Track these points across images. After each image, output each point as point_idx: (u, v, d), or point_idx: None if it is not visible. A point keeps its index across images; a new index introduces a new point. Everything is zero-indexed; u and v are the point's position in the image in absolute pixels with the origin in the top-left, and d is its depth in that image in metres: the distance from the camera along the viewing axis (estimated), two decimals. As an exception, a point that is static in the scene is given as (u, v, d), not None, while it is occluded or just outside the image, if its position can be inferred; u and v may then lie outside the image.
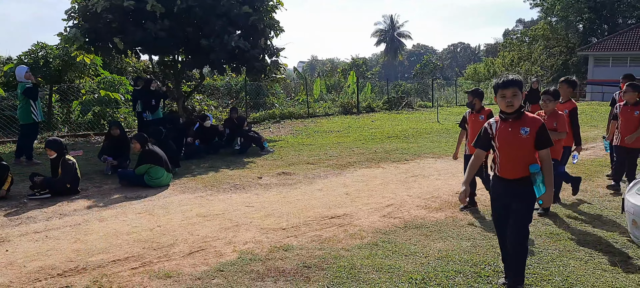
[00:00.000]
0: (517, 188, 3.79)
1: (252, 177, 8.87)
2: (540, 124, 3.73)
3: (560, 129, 5.98)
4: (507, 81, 3.74)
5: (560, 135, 5.95)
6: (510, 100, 3.72)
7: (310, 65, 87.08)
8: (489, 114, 6.26)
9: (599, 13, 46.46)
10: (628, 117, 7.17)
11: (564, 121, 6.04)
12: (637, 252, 4.71)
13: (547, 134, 3.74)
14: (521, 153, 3.74)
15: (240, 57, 13.67)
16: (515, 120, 3.76)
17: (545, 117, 5.91)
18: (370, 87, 29.76)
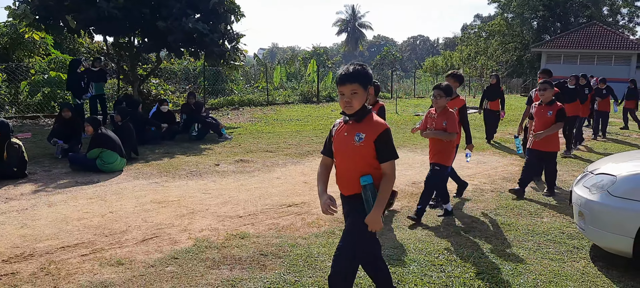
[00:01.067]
0: (352, 208, 3.10)
1: (209, 163, 8.74)
2: (381, 130, 2.97)
3: (450, 129, 5.39)
4: (344, 75, 2.94)
5: (450, 136, 5.41)
6: (349, 100, 2.92)
7: (271, 53, 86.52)
8: (380, 108, 5.91)
9: (553, 11, 48.04)
10: (541, 118, 6.65)
11: (454, 120, 5.44)
12: (582, 242, 4.91)
13: (390, 143, 3.01)
14: (354, 165, 3.00)
15: (199, 42, 13.38)
16: (354, 123, 3.02)
17: (435, 115, 5.52)
18: (331, 76, 29.80)
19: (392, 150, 3.02)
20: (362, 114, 2.99)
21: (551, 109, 6.57)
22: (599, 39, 39.39)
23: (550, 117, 6.53)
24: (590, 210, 4.35)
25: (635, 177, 4.18)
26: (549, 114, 6.55)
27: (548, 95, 6.59)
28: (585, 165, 6.57)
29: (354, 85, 2.91)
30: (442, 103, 5.43)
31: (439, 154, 5.50)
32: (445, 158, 5.52)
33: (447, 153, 5.54)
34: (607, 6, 50.67)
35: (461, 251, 4.66)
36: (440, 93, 5.41)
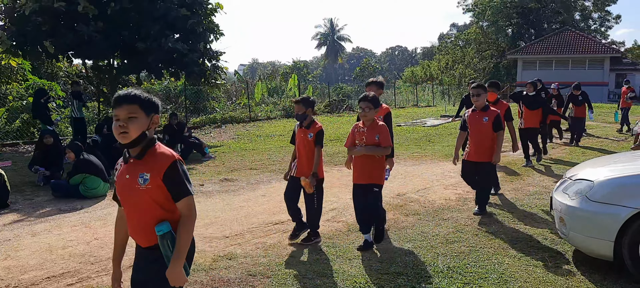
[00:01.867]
0: (149, 262, 2.60)
1: (194, 184, 8.69)
2: (169, 162, 2.45)
3: (384, 143, 4.89)
4: (120, 97, 2.43)
5: (384, 150, 4.91)
6: (124, 125, 2.38)
7: (251, 69, 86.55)
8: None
9: (526, 18, 48.98)
10: (476, 125, 6.16)
11: (387, 133, 4.93)
12: (565, 248, 5.02)
13: (180, 176, 2.47)
14: (141, 213, 2.52)
15: (178, 61, 13.40)
16: (137, 160, 2.49)
17: (364, 130, 4.96)
18: (311, 90, 29.93)
19: (183, 186, 2.51)
20: (145, 146, 2.48)
21: (487, 115, 6.12)
22: (573, 44, 40.26)
23: (486, 124, 6.09)
24: (570, 215, 4.45)
25: (612, 181, 4.31)
26: (484, 121, 6.10)
27: (482, 101, 6.16)
28: (565, 171, 6.72)
29: (132, 106, 2.41)
30: (371, 115, 4.90)
31: (373, 173, 4.99)
32: (381, 175, 5.06)
33: (381, 170, 5.05)
34: (578, 12, 51.83)
35: (447, 261, 4.73)
36: (368, 105, 4.88)
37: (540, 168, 9.61)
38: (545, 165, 9.92)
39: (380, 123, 4.99)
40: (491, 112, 6.15)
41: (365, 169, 4.99)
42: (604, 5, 51.10)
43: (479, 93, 6.15)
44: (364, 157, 4.96)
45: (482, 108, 6.15)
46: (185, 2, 13.43)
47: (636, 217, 4.02)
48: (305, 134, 5.26)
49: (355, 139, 5.04)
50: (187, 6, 13.31)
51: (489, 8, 48.97)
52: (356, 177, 5.09)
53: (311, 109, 5.28)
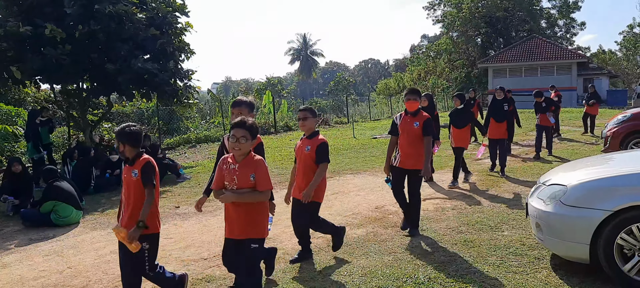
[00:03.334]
0: None
1: (169, 206, 8.56)
2: None
3: (262, 186, 3.68)
4: None
5: (262, 196, 3.71)
6: None
7: (225, 86, 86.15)
8: None
9: (495, 27, 50.03)
10: (407, 130, 5.90)
11: (265, 171, 3.74)
12: (542, 253, 5.06)
13: None
14: None
15: (149, 82, 13.22)
16: None
17: (236, 167, 3.70)
18: (286, 106, 29.91)
19: None
20: None
21: (417, 119, 5.87)
22: (540, 51, 41.23)
23: (416, 129, 5.83)
24: (546, 221, 4.50)
25: (585, 184, 4.37)
26: (415, 126, 5.84)
27: (415, 105, 5.94)
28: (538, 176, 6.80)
29: None
30: (246, 148, 3.69)
31: (251, 224, 3.79)
32: (261, 226, 3.86)
33: (262, 218, 3.86)
34: (544, 19, 53.20)
35: (428, 272, 4.72)
36: (244, 133, 3.65)
37: (512, 177, 9.73)
38: (522, 170, 10.05)
39: (257, 157, 3.77)
40: (422, 116, 5.92)
41: (239, 218, 3.78)
42: (568, 12, 52.58)
43: (414, 98, 5.96)
44: (237, 203, 3.75)
45: (413, 113, 5.95)
46: (154, 22, 13.29)
47: (610, 219, 4.08)
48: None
49: (224, 180, 3.78)
50: (156, 26, 13.17)
51: (457, 19, 49.89)
52: (227, 229, 3.91)
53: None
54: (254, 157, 3.78)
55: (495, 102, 10.20)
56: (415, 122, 5.87)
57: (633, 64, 55.82)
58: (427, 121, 5.85)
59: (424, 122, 5.85)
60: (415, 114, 5.95)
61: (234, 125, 3.71)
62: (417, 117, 5.92)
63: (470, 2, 48.37)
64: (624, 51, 57.16)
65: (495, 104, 10.16)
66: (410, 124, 5.90)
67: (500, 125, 9.87)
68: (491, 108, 10.16)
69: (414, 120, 5.90)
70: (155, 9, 13.62)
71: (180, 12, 14.26)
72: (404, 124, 5.97)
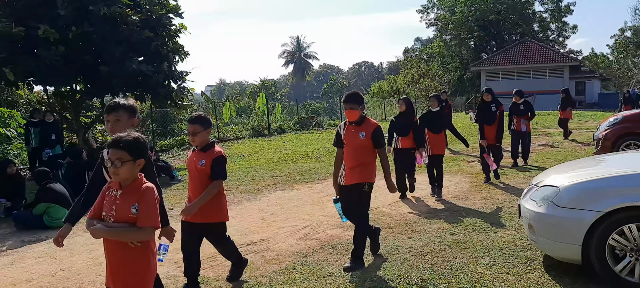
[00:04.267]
0: None
1: (163, 208, 8.54)
2: None
3: (144, 221, 2.89)
4: None
5: (141, 234, 2.92)
6: None
7: (219, 89, 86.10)
8: None
9: (488, 30, 50.29)
10: (352, 140, 5.00)
11: (152, 206, 2.95)
12: (535, 254, 5.09)
13: None
14: None
15: (143, 84, 13.21)
16: None
17: (117, 194, 2.97)
18: (280, 108, 29.90)
19: None
20: None
21: (363, 129, 4.92)
22: (533, 54, 41.48)
23: (363, 140, 4.90)
24: (538, 222, 4.53)
25: (577, 186, 4.41)
26: (360, 137, 4.91)
27: (355, 114, 4.93)
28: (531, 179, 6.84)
29: None
30: (127, 173, 2.93)
31: (125, 272, 2.99)
32: (141, 278, 3.02)
33: (144, 266, 3.01)
34: (537, 23, 53.54)
35: (421, 273, 4.73)
36: (119, 155, 2.90)
37: (504, 179, 9.78)
38: (513, 172, 10.10)
39: (146, 185, 2.99)
40: (368, 125, 4.98)
41: (112, 263, 3.04)
42: (561, 16, 52.96)
43: (350, 106, 4.94)
44: (111, 242, 3.00)
45: (357, 122, 4.99)
46: (148, 24, 13.28)
47: (601, 220, 4.12)
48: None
49: (102, 208, 3.05)
50: (151, 28, 13.16)
51: (451, 22, 50.12)
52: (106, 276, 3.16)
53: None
54: (143, 183, 2.98)
55: (484, 105, 9.45)
56: (360, 132, 4.94)
57: (624, 67, 56.18)
58: (376, 131, 4.96)
59: (373, 133, 4.94)
60: (359, 123, 5.00)
61: (108, 145, 3.00)
62: (362, 126, 4.98)
63: (463, 5, 48.60)
64: (615, 55, 57.59)
65: (484, 108, 9.41)
66: (355, 135, 4.97)
67: (490, 129, 9.26)
68: (481, 112, 9.43)
69: (359, 130, 4.96)
70: (149, 10, 13.61)
71: (174, 14, 14.25)
72: (348, 135, 5.05)
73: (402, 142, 8.20)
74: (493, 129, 9.28)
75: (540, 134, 18.09)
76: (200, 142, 4.43)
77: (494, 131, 9.28)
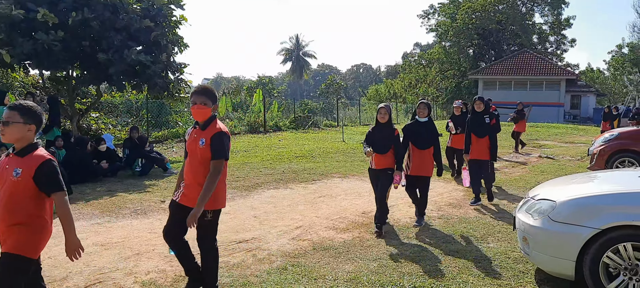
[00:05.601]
0: None
1: (155, 200, 8.47)
2: None
3: None
4: None
5: None
6: None
7: (216, 83, 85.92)
8: None
9: (487, 40, 50.49)
10: (192, 150, 4.07)
11: None
12: (527, 267, 5.08)
13: None
14: None
15: (141, 74, 13.09)
16: None
17: None
18: (277, 106, 29.83)
19: None
20: None
21: (205, 135, 3.94)
22: (531, 65, 41.66)
23: (202, 149, 3.92)
24: (533, 235, 4.51)
25: (573, 201, 4.39)
26: (201, 144, 3.92)
27: (204, 112, 3.99)
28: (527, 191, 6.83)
29: None
30: None
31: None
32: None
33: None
34: (536, 35, 53.79)
35: (413, 281, 4.71)
36: None
37: (499, 189, 9.78)
38: (508, 183, 10.09)
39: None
40: (211, 130, 3.98)
41: None
42: (560, 29, 53.27)
43: (202, 101, 3.98)
44: None
45: (202, 124, 4.03)
46: (148, 13, 13.16)
47: (597, 237, 4.10)
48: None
49: None
50: (151, 18, 13.05)
51: (451, 29, 50.23)
52: None
53: None
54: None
55: (475, 114, 8.31)
56: (201, 138, 3.93)
57: (620, 83, 56.61)
58: (216, 136, 3.93)
59: (212, 138, 3.92)
60: (204, 126, 4.00)
61: None
62: (206, 131, 3.96)
63: (464, 13, 48.73)
64: (611, 71, 57.96)
65: (475, 117, 8.29)
66: (196, 141, 3.96)
67: (480, 142, 8.10)
68: (470, 122, 8.35)
69: (201, 135, 3.96)
70: (150, 0, 13.50)
71: (175, 5, 14.14)
72: (190, 142, 4.06)
73: (378, 161, 6.51)
74: (483, 142, 8.10)
75: (535, 146, 18.12)
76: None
77: (484, 144, 8.10)
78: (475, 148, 8.15)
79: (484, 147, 8.10)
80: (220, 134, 3.95)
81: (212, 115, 4.04)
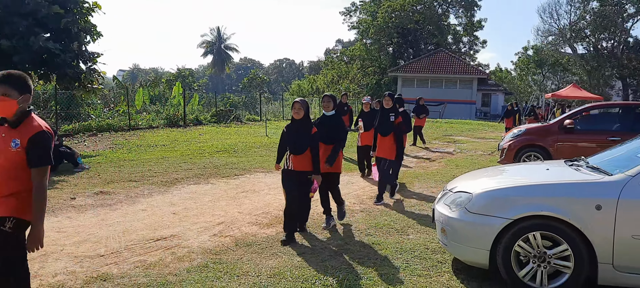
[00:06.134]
0: None
1: (64, 197, 7.93)
2: None
3: None
4: None
5: None
6: None
7: (132, 74, 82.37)
8: None
9: (406, 38, 52.14)
10: (4, 151, 3.15)
11: None
12: (444, 257, 5.26)
13: None
14: None
15: (49, 62, 12.25)
16: None
17: None
18: (197, 99, 29.08)
19: None
20: None
21: (19, 135, 3.12)
22: (446, 64, 43.58)
23: (14, 152, 3.10)
24: (451, 226, 4.67)
25: (488, 193, 4.58)
26: (13, 146, 3.10)
27: (8, 106, 3.13)
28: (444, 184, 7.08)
29: None
30: None
31: None
32: None
33: None
34: (451, 35, 56.32)
35: (336, 274, 4.72)
36: None
37: (417, 182, 10.10)
38: (426, 175, 10.44)
39: None
40: (27, 129, 3.18)
41: None
42: (472, 30, 56.10)
43: (4, 92, 3.11)
44: None
45: (13, 122, 3.20)
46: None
47: (509, 227, 4.31)
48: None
49: None
50: (61, 4, 12.24)
51: (372, 27, 51.39)
52: None
53: None
54: None
55: (382, 111, 8.08)
56: (14, 139, 3.13)
57: (525, 83, 60.63)
58: (37, 138, 3.16)
59: (31, 141, 3.15)
60: (15, 123, 3.19)
61: None
62: (19, 129, 3.17)
63: (384, 12, 50.02)
64: (518, 71, 61.96)
65: (381, 114, 8.06)
66: (6, 142, 3.14)
67: (384, 140, 7.89)
68: (378, 119, 8.13)
69: (12, 135, 3.15)
70: (59, -16, 12.66)
71: (87, -9, 13.37)
72: (3, 144, 3.17)
73: (296, 162, 5.92)
74: (387, 140, 7.88)
75: (449, 141, 18.94)
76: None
77: (388, 143, 7.87)
78: (380, 147, 7.96)
79: (388, 146, 7.86)
80: (42, 134, 3.16)
81: (26, 110, 3.20)
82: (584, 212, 4.16)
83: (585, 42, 49.54)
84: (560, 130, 10.70)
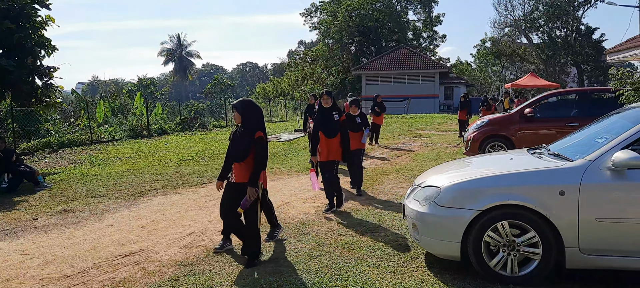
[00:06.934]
0: None
1: (26, 218, 7.66)
2: None
3: None
4: None
5: None
6: None
7: (92, 87, 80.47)
8: None
9: (367, 36, 52.54)
10: None
11: None
12: (417, 252, 5.30)
13: None
14: None
15: (4, 80, 11.82)
16: None
17: None
18: (160, 108, 28.55)
19: None
20: None
21: None
22: (408, 60, 44.16)
23: None
24: (421, 221, 4.71)
25: (456, 186, 4.64)
26: None
27: None
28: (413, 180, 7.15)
29: None
30: None
31: None
32: None
33: None
34: (411, 31, 57.06)
35: (311, 277, 4.70)
36: None
37: (387, 178, 10.17)
38: (395, 172, 10.53)
39: None
40: None
41: None
42: (431, 25, 56.99)
43: None
44: None
45: None
46: (9, 14, 11.92)
47: (478, 218, 4.38)
48: None
49: None
50: (11, 19, 11.82)
51: (333, 27, 51.59)
52: None
53: None
54: None
55: (322, 112, 7.50)
56: None
57: (485, 74, 62.00)
58: None
59: None
60: None
61: None
62: None
63: (344, 11, 50.28)
64: (477, 63, 63.29)
65: (322, 115, 7.48)
66: None
67: (330, 142, 7.35)
68: (318, 120, 7.54)
69: None
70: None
71: (40, 5, 12.96)
72: None
73: (237, 173, 5.27)
74: (333, 142, 7.35)
75: (415, 136, 19.17)
76: None
77: (334, 144, 7.35)
78: (325, 149, 7.35)
79: (335, 148, 7.35)
80: None
81: None
82: (548, 198, 4.26)
83: (540, 32, 51.03)
84: (521, 120, 10.97)
